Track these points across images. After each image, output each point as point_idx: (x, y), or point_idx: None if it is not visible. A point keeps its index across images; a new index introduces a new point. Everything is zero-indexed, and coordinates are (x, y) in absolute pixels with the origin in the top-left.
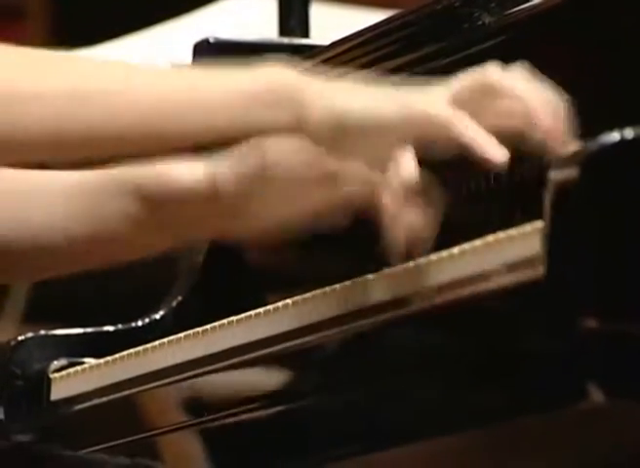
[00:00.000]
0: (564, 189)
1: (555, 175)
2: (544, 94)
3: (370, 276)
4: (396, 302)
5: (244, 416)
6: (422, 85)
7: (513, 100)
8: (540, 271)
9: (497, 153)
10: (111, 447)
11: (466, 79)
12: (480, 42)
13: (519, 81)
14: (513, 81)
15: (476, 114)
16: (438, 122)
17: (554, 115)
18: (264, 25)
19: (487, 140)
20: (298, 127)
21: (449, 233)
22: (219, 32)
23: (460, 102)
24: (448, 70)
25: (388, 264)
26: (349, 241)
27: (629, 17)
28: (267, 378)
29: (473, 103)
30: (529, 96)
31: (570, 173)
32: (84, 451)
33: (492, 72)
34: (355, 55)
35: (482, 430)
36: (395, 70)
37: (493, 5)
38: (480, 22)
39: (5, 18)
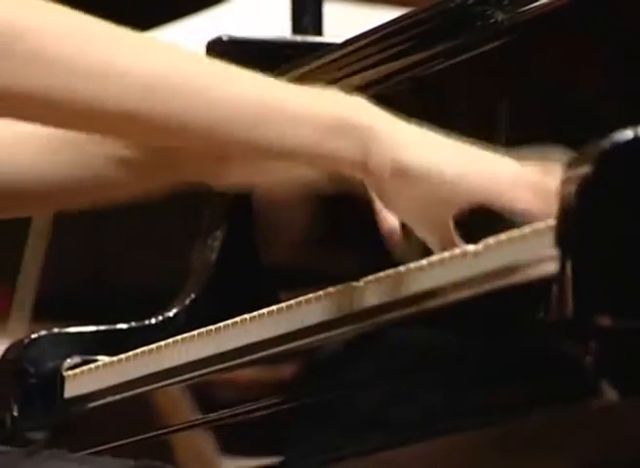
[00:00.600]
0: (578, 187)
1: (569, 173)
2: None
3: (381, 273)
4: (409, 300)
5: (257, 414)
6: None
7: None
8: (553, 269)
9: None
10: (124, 444)
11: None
12: (493, 40)
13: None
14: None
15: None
16: (504, 197)
17: None
18: (278, 23)
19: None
20: (360, 165)
21: (464, 231)
22: (232, 30)
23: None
24: (461, 68)
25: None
26: (363, 237)
27: None
28: (280, 376)
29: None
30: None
31: (584, 170)
32: (97, 449)
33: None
34: (368, 52)
35: (495, 429)
36: (408, 68)
37: (506, 3)
38: (493, 20)
39: None
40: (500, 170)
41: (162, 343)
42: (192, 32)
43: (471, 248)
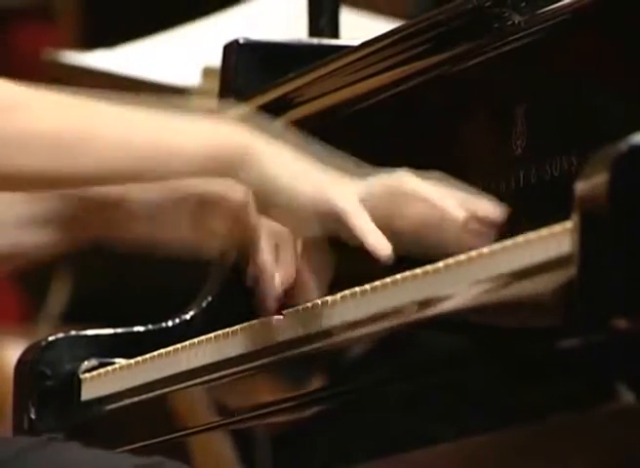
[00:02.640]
0: (594, 190)
1: (585, 176)
2: (460, 197)
3: (397, 276)
4: (427, 302)
5: (274, 417)
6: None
7: (426, 204)
8: (570, 271)
9: (381, 249)
10: (142, 447)
11: (383, 181)
12: (510, 42)
13: (432, 188)
14: (426, 188)
15: (387, 215)
16: (341, 212)
17: (471, 213)
18: (294, 25)
19: (376, 237)
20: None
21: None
22: (248, 32)
23: (373, 200)
24: (478, 70)
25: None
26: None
27: None
28: (298, 379)
29: (385, 203)
30: (441, 199)
31: (601, 172)
32: (114, 452)
33: (407, 180)
34: (385, 55)
35: (512, 430)
36: (425, 70)
37: (523, 5)
38: (510, 22)
39: (36, 20)
40: (343, 189)
41: (179, 346)
42: (209, 34)
43: (485, 249)
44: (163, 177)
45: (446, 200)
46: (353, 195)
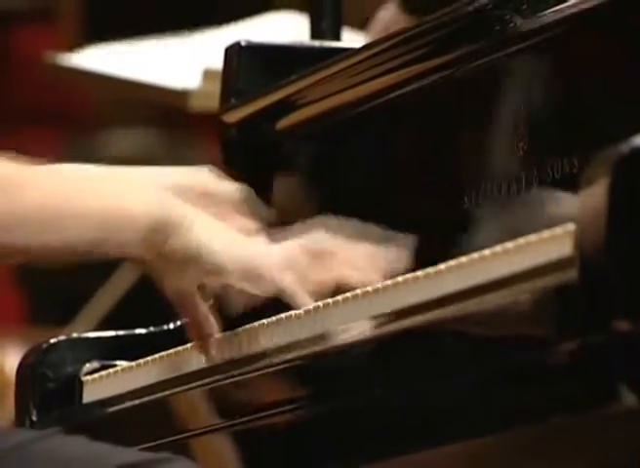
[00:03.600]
0: (595, 192)
1: (588, 177)
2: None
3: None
4: (435, 302)
5: (276, 419)
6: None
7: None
8: (572, 274)
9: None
10: (143, 449)
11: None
12: (512, 44)
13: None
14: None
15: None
16: (267, 275)
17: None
18: (300, 37)
19: (301, 298)
20: (152, 255)
21: (482, 234)
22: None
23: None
24: (479, 72)
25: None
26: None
27: None
28: (300, 381)
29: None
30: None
31: (602, 175)
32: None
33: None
34: (386, 57)
35: (514, 432)
36: (427, 72)
37: (524, 7)
38: (512, 25)
39: (36, 22)
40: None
41: (180, 348)
42: (214, 41)
43: (487, 252)
44: (113, 247)
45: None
46: (277, 255)
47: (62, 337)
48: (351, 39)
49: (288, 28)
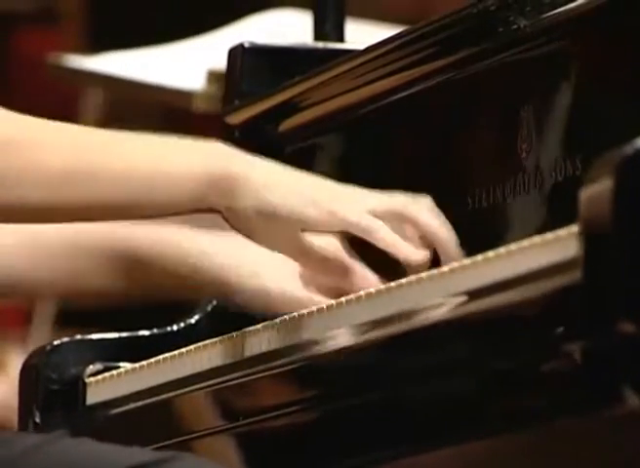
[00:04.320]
0: (599, 193)
1: (590, 180)
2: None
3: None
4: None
5: (280, 421)
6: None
7: (419, 228)
8: (576, 275)
9: (414, 254)
10: None
11: (386, 200)
12: (515, 46)
13: (426, 213)
14: (421, 213)
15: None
16: (357, 228)
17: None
18: (303, 35)
19: (403, 245)
20: (227, 211)
21: (486, 236)
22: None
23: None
24: (483, 74)
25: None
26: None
27: None
28: (304, 383)
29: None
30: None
31: (606, 176)
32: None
33: (406, 202)
34: (390, 59)
35: (517, 434)
36: (430, 75)
37: (528, 9)
38: (515, 26)
39: (40, 23)
40: (351, 207)
41: (184, 350)
42: (219, 43)
43: (491, 254)
44: (163, 208)
45: (450, 241)
46: (363, 211)
47: (66, 339)
48: (356, 29)
49: (290, 27)
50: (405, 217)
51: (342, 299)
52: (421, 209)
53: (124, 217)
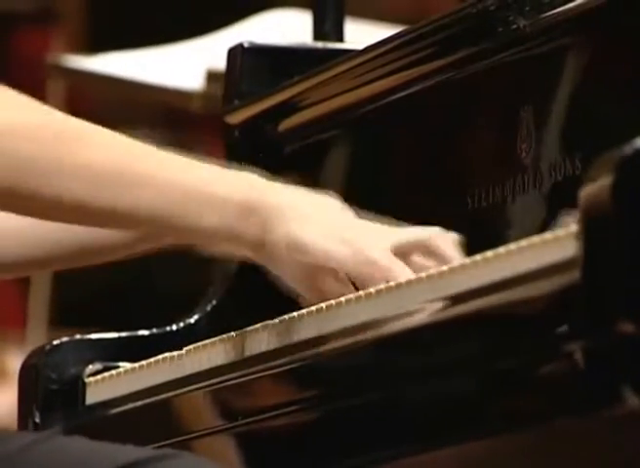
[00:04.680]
0: (598, 193)
1: (590, 179)
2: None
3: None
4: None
5: (280, 420)
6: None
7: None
8: (575, 275)
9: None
10: None
11: (411, 234)
12: (514, 46)
13: (451, 247)
14: (446, 246)
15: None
16: (379, 268)
17: None
18: (303, 35)
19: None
20: (255, 246)
21: (486, 236)
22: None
23: (402, 253)
24: (483, 74)
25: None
26: None
27: None
28: (304, 382)
29: (409, 256)
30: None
31: (605, 176)
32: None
33: (432, 235)
34: (389, 59)
35: (517, 434)
36: (430, 74)
37: (527, 9)
38: (515, 26)
39: (40, 23)
40: (376, 244)
41: (183, 350)
42: (219, 44)
43: (490, 253)
44: (192, 228)
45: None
46: (386, 246)
47: (65, 339)
48: (355, 29)
49: (290, 27)
50: (431, 251)
51: (342, 299)
52: (447, 243)
53: (154, 228)
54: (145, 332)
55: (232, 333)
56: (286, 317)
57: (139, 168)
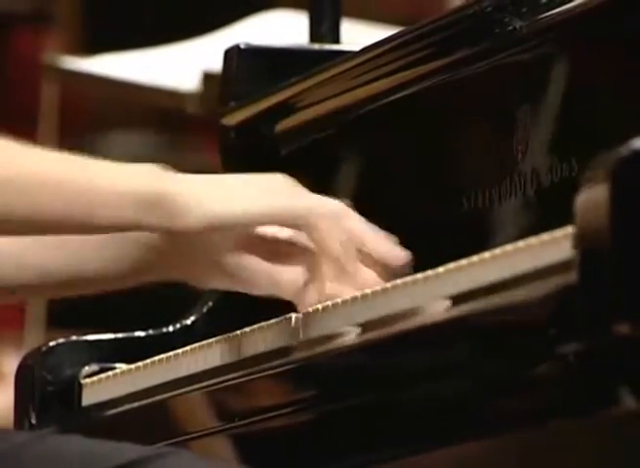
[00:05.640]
0: (596, 194)
1: (586, 181)
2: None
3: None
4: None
5: (275, 422)
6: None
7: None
8: (572, 276)
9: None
10: None
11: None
12: (511, 47)
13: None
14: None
15: None
16: (325, 212)
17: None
18: (299, 37)
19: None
20: (168, 229)
21: (482, 237)
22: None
23: None
24: (478, 75)
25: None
26: None
27: None
28: (299, 384)
29: None
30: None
31: (602, 177)
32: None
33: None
34: (385, 60)
35: (513, 435)
36: (426, 76)
37: (524, 10)
38: (511, 27)
39: (36, 24)
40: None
41: (180, 351)
42: (214, 45)
43: (487, 255)
44: (87, 225)
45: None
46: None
47: (61, 340)
48: (352, 30)
49: (286, 28)
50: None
51: (338, 300)
52: (354, 219)
53: (60, 231)
54: (142, 334)
55: (229, 334)
56: (282, 318)
57: (35, 171)
